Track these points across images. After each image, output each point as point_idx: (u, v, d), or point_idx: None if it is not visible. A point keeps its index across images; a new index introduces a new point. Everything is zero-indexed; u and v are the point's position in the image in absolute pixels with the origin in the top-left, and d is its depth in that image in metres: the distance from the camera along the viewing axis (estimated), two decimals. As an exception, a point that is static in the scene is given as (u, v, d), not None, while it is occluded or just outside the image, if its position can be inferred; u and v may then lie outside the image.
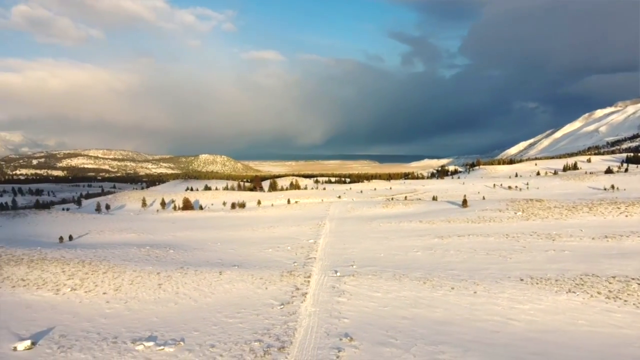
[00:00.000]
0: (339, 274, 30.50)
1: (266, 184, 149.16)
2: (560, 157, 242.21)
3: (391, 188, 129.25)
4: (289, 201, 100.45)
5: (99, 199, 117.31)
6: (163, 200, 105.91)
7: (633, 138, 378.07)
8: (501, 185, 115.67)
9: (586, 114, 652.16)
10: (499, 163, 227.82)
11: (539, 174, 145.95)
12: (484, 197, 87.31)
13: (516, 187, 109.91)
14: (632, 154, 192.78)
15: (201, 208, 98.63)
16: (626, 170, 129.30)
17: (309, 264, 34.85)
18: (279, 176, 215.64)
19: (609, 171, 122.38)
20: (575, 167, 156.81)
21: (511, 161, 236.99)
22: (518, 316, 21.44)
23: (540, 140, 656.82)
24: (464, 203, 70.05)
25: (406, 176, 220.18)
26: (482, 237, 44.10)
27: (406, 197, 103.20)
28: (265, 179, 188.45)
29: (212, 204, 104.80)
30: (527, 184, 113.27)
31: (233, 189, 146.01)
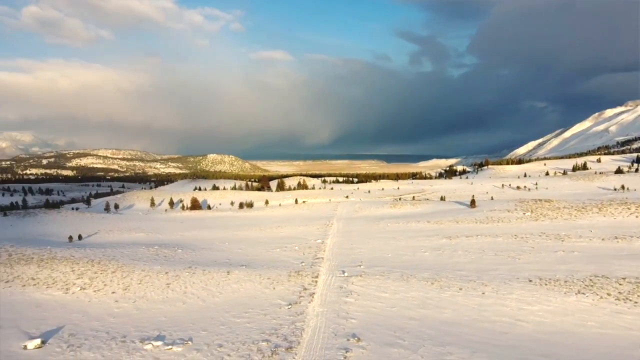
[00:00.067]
0: (346, 274, 30.50)
1: (274, 184, 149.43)
2: (570, 157, 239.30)
3: (399, 188, 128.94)
4: (296, 201, 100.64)
5: (108, 199, 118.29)
6: (171, 199, 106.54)
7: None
8: (510, 185, 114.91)
9: (596, 114, 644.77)
10: (507, 163, 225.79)
11: (548, 174, 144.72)
12: (492, 198, 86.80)
13: (525, 187, 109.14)
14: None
15: (209, 208, 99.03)
16: (637, 170, 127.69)
17: (316, 264, 34.90)
18: (287, 176, 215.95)
19: (619, 171, 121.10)
20: (584, 167, 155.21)
21: (520, 161, 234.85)
22: (527, 317, 21.30)
23: (549, 139, 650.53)
24: (472, 203, 69.70)
25: (414, 176, 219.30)
26: (490, 237, 43.86)
27: (414, 197, 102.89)
28: (272, 178, 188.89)
29: (220, 204, 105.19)
30: (536, 184, 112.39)
31: (241, 188, 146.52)
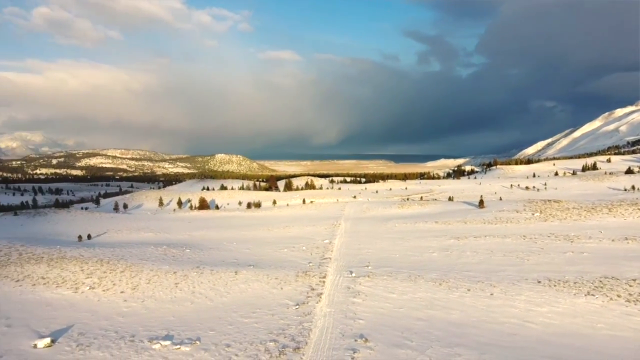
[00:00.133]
0: (354, 274, 30.46)
1: (281, 184, 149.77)
2: (579, 157, 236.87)
3: (407, 188, 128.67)
4: (304, 201, 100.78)
5: (116, 198, 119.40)
6: (180, 199, 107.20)
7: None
8: (518, 185, 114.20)
9: (606, 113, 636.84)
10: (516, 163, 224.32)
11: (557, 174, 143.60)
12: (500, 198, 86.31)
13: (534, 187, 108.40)
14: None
15: (217, 208, 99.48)
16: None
17: (324, 264, 34.88)
18: (295, 176, 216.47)
19: (629, 171, 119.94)
20: (594, 167, 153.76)
21: (529, 161, 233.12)
22: (535, 319, 21.13)
23: (558, 139, 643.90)
24: (481, 204, 69.31)
25: (422, 176, 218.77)
26: (499, 238, 43.57)
27: (422, 197, 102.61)
28: (280, 178, 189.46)
29: (228, 204, 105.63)
30: (545, 184, 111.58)
31: (249, 188, 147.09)
